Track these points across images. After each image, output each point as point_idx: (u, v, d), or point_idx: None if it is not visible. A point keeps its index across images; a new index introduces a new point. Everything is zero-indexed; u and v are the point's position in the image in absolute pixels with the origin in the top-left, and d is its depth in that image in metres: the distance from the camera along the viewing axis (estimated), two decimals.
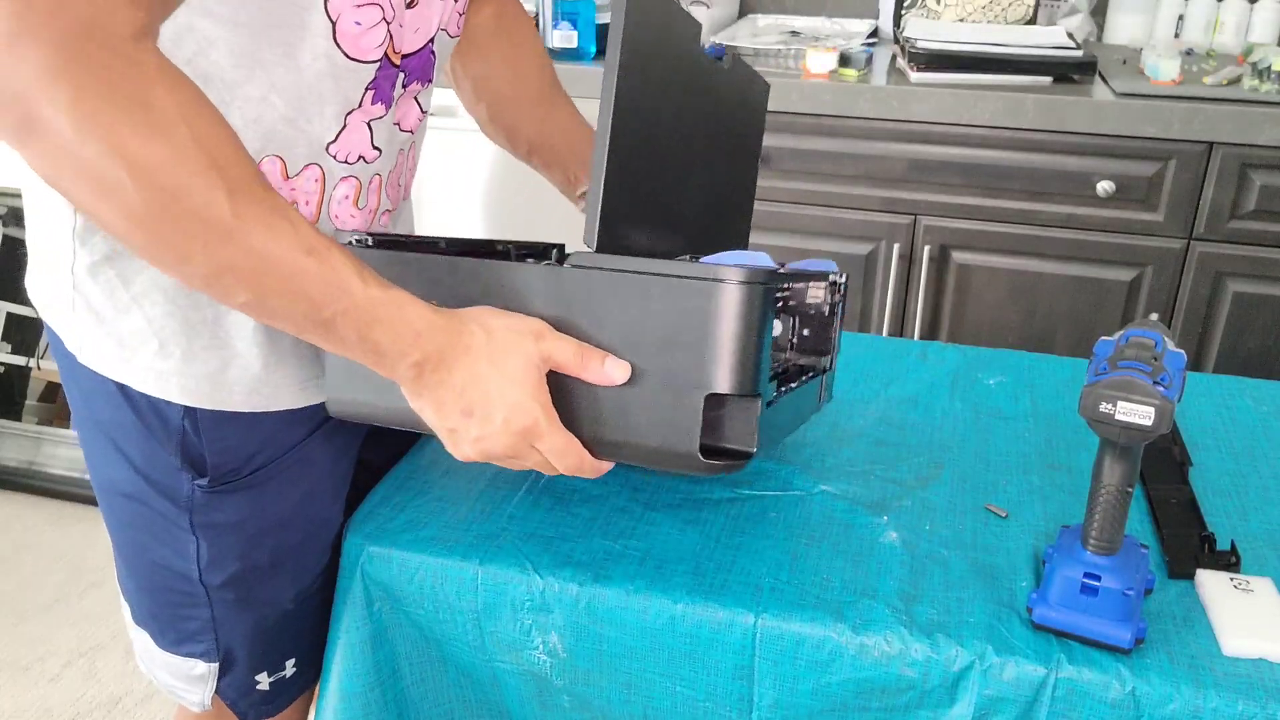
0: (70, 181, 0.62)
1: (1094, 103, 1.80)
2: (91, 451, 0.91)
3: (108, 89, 0.60)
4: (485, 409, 0.75)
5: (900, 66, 2.02)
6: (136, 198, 0.62)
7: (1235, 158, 1.78)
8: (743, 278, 0.69)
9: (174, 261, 0.67)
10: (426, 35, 0.87)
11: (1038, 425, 1.16)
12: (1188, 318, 1.91)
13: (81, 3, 0.59)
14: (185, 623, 0.95)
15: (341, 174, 0.85)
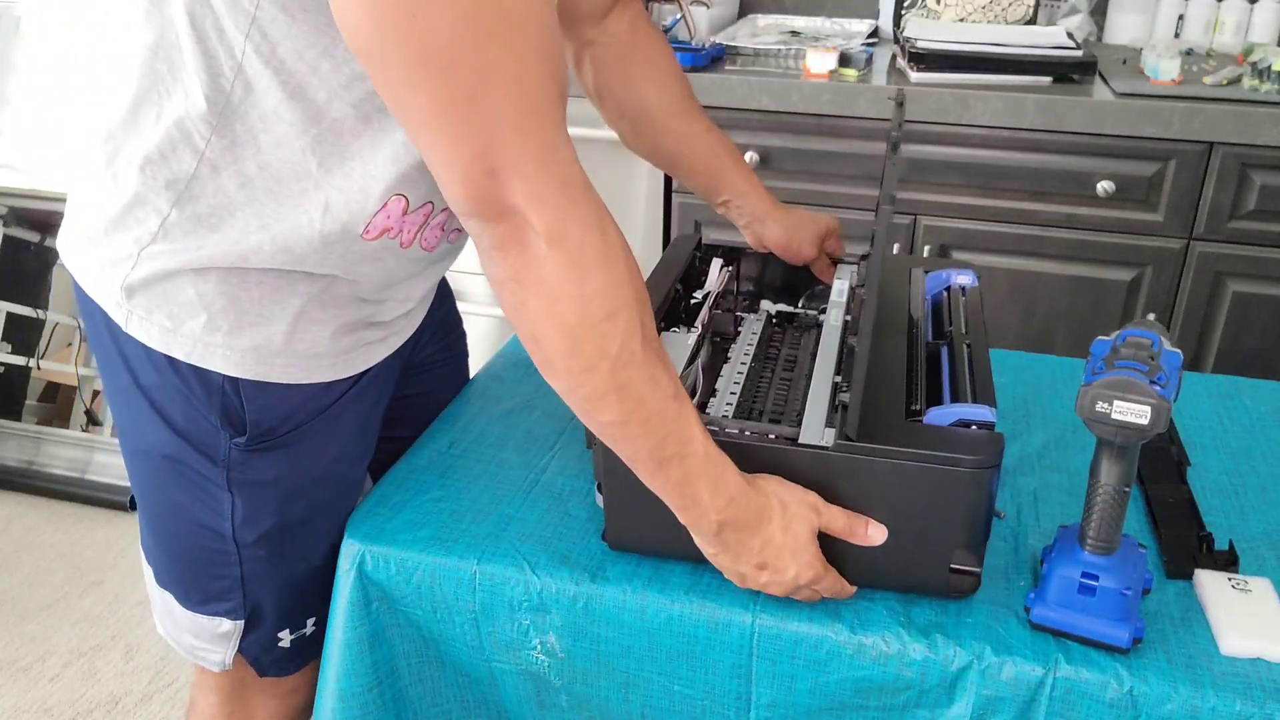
0: (527, 286, 0.73)
1: (1094, 103, 1.80)
2: (128, 416, 0.93)
3: (579, 221, 0.72)
4: (778, 566, 0.85)
5: (900, 66, 2.02)
6: (576, 311, 0.73)
7: (1235, 158, 1.78)
8: (978, 462, 0.84)
9: (577, 370, 0.76)
10: None
11: (1036, 425, 1.16)
12: (1187, 318, 1.91)
13: (565, 144, 0.71)
14: (213, 581, 0.97)
15: (443, 205, 0.87)
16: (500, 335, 2.23)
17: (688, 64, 1.94)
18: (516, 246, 0.72)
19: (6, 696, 1.84)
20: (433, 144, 0.70)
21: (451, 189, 0.71)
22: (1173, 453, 1.09)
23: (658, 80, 1.13)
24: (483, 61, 0.65)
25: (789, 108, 1.92)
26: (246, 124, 0.79)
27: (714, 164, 1.16)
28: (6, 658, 1.93)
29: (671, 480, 0.82)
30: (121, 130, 0.83)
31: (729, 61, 2.07)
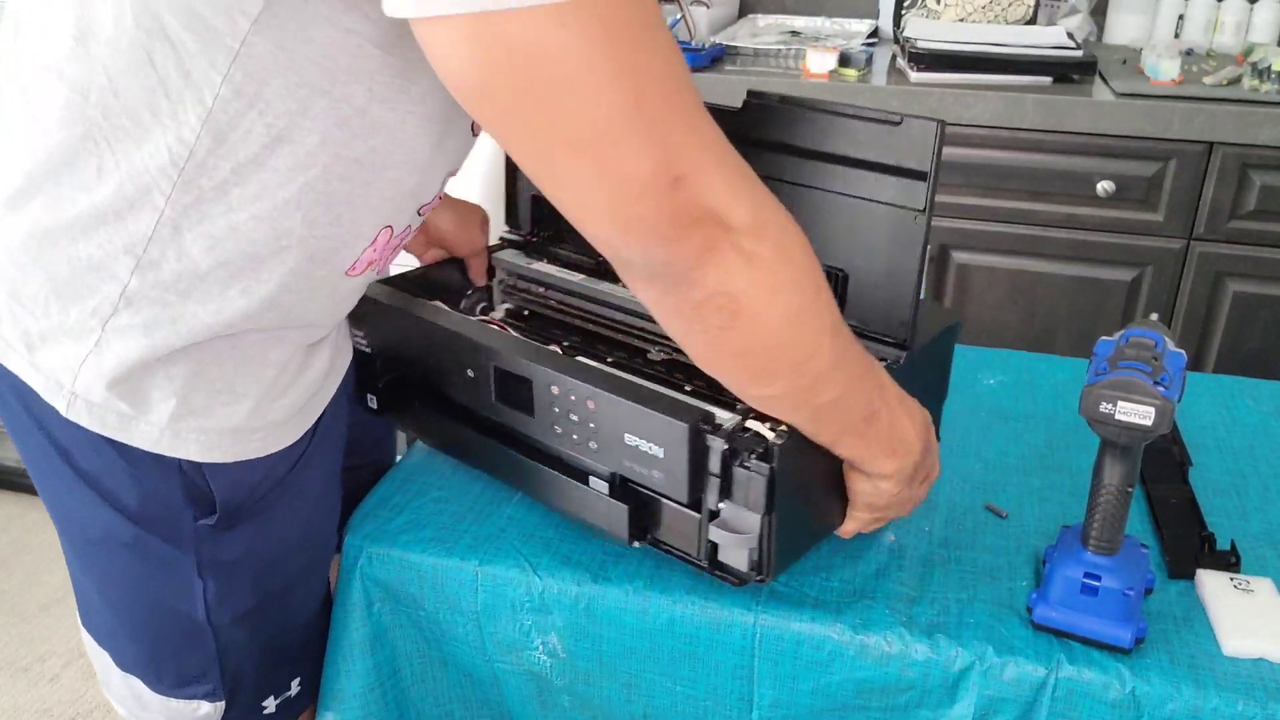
0: (740, 292, 0.67)
1: (1094, 103, 1.80)
2: (69, 504, 0.82)
3: (767, 205, 0.68)
4: (932, 469, 0.91)
5: (900, 66, 2.02)
6: (797, 295, 0.70)
7: (1235, 158, 1.78)
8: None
9: (802, 358, 0.73)
10: None
11: (1038, 425, 1.16)
12: (1188, 318, 1.91)
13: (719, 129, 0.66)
14: (187, 663, 0.88)
15: (417, 224, 0.84)
16: None
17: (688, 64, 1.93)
18: (717, 254, 0.65)
19: (6, 696, 1.84)
20: (595, 173, 0.60)
21: (627, 215, 0.61)
22: (1175, 453, 1.09)
23: None
24: (640, 62, 0.58)
25: None
26: (215, 178, 0.68)
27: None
28: (6, 658, 1.92)
29: (880, 431, 0.81)
30: (47, 183, 0.70)
31: (729, 61, 2.07)
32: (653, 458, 0.82)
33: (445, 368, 0.95)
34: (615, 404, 0.82)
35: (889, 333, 0.92)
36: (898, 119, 0.88)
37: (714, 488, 0.82)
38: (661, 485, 0.84)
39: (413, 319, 0.96)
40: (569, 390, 0.85)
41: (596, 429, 0.85)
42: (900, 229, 0.89)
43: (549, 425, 0.89)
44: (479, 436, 0.96)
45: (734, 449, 0.80)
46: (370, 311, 0.97)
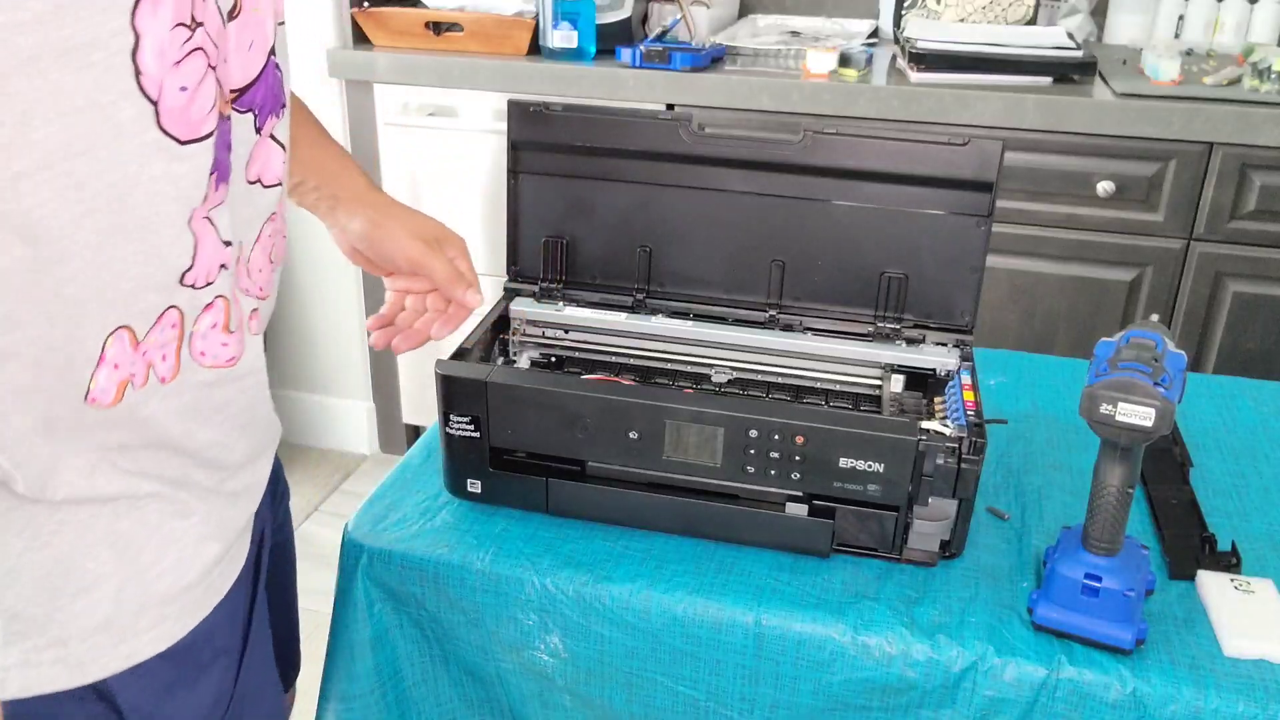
0: None
1: (1094, 103, 1.80)
2: None
3: None
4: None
5: (900, 67, 2.02)
6: None
7: (1235, 158, 1.78)
8: None
9: None
10: (264, 46, 0.66)
11: (1039, 426, 1.16)
12: (1188, 318, 1.91)
13: None
14: None
15: (205, 301, 0.64)
16: None
17: (689, 64, 1.94)
18: None
19: None
20: None
21: None
22: (1175, 453, 1.09)
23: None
24: None
25: (789, 108, 1.92)
26: None
27: (310, 153, 0.94)
28: None
29: None
30: None
31: (729, 62, 2.07)
32: (870, 474, 0.90)
33: (595, 437, 0.94)
34: (830, 434, 0.89)
35: (951, 323, 1.05)
36: (963, 140, 1.00)
37: (923, 486, 0.89)
38: (877, 496, 0.91)
39: (546, 394, 0.94)
40: (771, 431, 0.90)
41: (804, 460, 0.90)
42: (964, 235, 1.03)
43: (739, 468, 0.92)
44: (638, 496, 0.96)
45: (932, 449, 0.88)
46: (478, 394, 0.94)
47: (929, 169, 1.01)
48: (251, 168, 0.69)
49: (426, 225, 0.97)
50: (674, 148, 1.05)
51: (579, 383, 0.94)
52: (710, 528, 0.95)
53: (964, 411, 0.94)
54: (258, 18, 0.65)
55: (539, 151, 1.08)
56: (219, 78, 0.60)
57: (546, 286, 1.12)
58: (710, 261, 1.09)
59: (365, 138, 2.21)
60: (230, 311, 0.67)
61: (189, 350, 0.65)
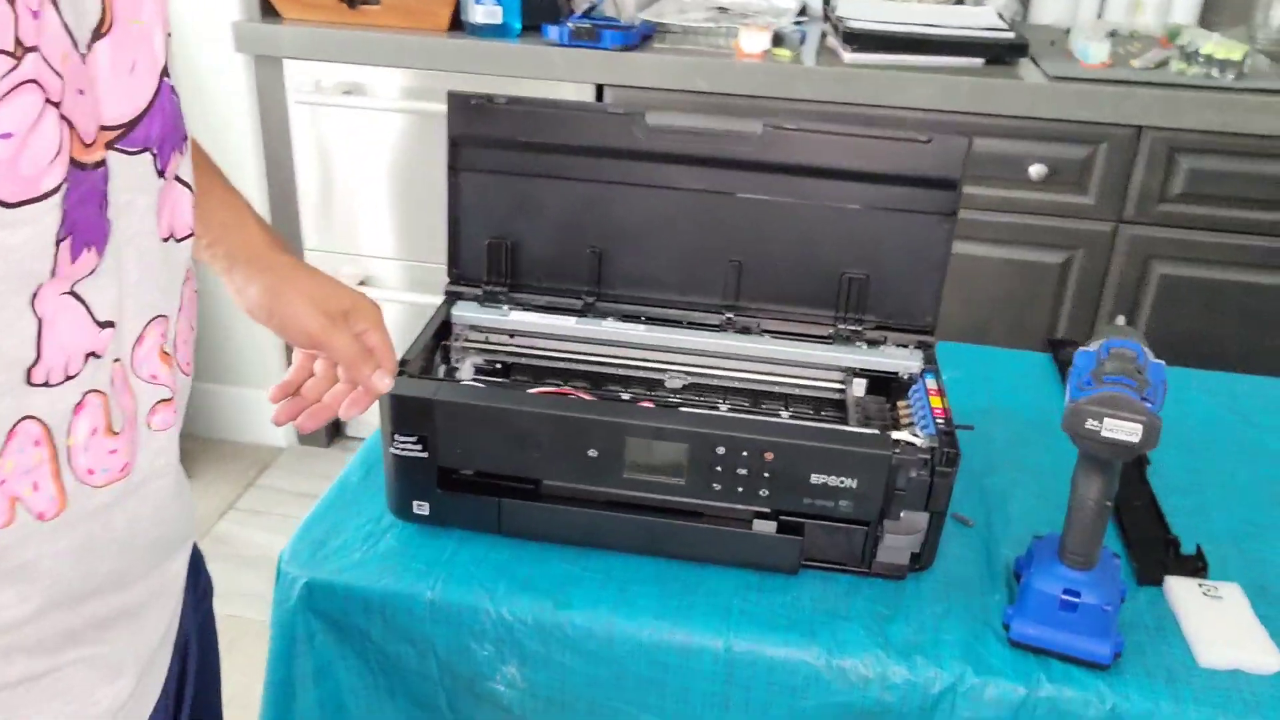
0: None
1: (1027, 85, 1.79)
2: None
3: None
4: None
5: (831, 45, 1.98)
6: None
7: (1164, 141, 1.79)
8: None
9: None
10: (153, 66, 0.55)
11: (996, 424, 1.14)
12: (1117, 300, 1.93)
13: None
14: None
15: (73, 400, 0.52)
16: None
17: (619, 43, 1.87)
18: None
19: None
20: None
21: None
22: None
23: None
24: None
25: (723, 89, 1.87)
26: None
27: (202, 203, 0.71)
28: None
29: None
30: None
31: (658, 39, 2.01)
32: (842, 490, 0.86)
33: (551, 455, 0.88)
34: (800, 450, 0.85)
35: (913, 324, 1.04)
36: (926, 138, 0.97)
37: (895, 500, 0.86)
38: (849, 512, 0.87)
39: (499, 411, 0.87)
40: (738, 447, 0.85)
41: (772, 476, 0.86)
42: (926, 233, 0.99)
43: (705, 485, 0.87)
44: (597, 514, 0.91)
45: (905, 462, 0.85)
46: (425, 412, 0.87)
47: (892, 166, 0.98)
48: (162, 220, 0.58)
49: (332, 294, 0.82)
50: (625, 143, 1.00)
51: (533, 399, 0.88)
52: (674, 546, 0.91)
53: (932, 419, 0.91)
54: (140, 31, 0.53)
55: (481, 147, 1.02)
56: (72, 119, 0.49)
57: (491, 290, 1.05)
58: (663, 262, 1.04)
59: (274, 117, 2.09)
60: (110, 409, 0.55)
61: (72, 471, 0.53)
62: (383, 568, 0.90)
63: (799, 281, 1.03)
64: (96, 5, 0.50)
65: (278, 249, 0.82)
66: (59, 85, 0.47)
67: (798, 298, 1.03)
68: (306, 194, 2.14)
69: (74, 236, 0.49)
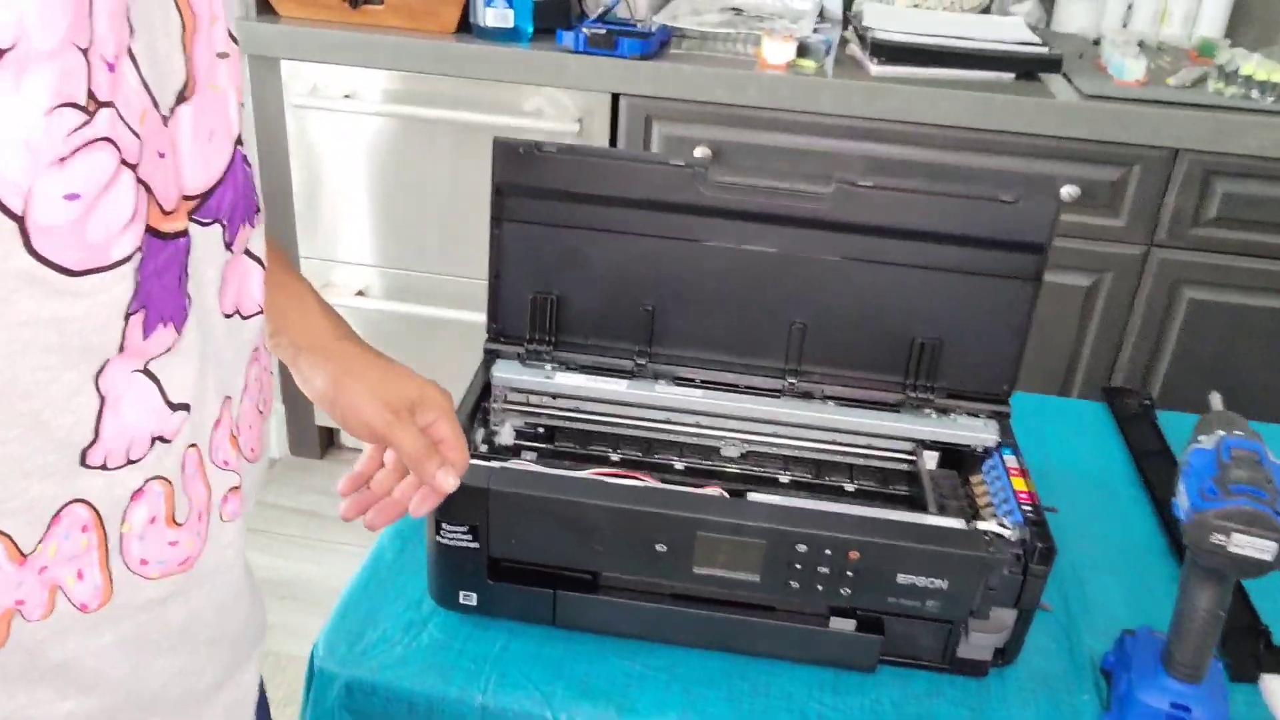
0: None
1: (1062, 104, 1.73)
2: None
3: None
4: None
5: (855, 55, 1.91)
6: None
7: (1200, 165, 1.74)
8: None
9: None
10: (228, 134, 0.52)
11: (1059, 487, 1.07)
12: (1144, 323, 1.88)
13: None
14: None
15: (132, 486, 0.48)
16: (408, 333, 2.07)
17: (637, 51, 1.79)
18: None
19: None
20: None
21: None
22: None
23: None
24: None
25: (745, 101, 1.79)
26: None
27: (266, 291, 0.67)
28: None
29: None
30: None
31: (675, 45, 1.93)
32: (931, 590, 0.80)
33: (615, 549, 0.81)
34: (887, 549, 0.79)
35: (987, 392, 0.96)
36: (1013, 198, 0.89)
37: (985, 598, 0.80)
38: (935, 611, 0.81)
39: (559, 503, 0.80)
40: (820, 545, 0.79)
41: (856, 575, 0.80)
42: (1007, 297, 0.93)
43: (782, 582, 0.80)
44: (661, 609, 0.84)
45: (998, 561, 0.79)
46: (477, 501, 0.80)
47: (972, 227, 0.91)
48: (226, 296, 0.54)
49: (397, 385, 0.77)
50: (685, 198, 0.92)
51: (595, 488, 0.81)
52: (743, 643, 0.85)
53: (1016, 503, 0.85)
54: (217, 97, 0.50)
55: (527, 197, 0.94)
56: (152, 179, 0.45)
57: (533, 348, 0.98)
58: (720, 322, 0.97)
59: (271, 121, 1.99)
60: (175, 497, 0.51)
61: (122, 559, 0.49)
62: (427, 665, 0.83)
63: (865, 345, 0.96)
64: (180, 67, 0.47)
65: (342, 337, 0.77)
66: (136, 146, 0.44)
67: (864, 362, 0.97)
68: (301, 202, 2.04)
69: (148, 310, 0.46)
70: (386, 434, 0.74)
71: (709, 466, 0.96)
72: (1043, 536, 0.80)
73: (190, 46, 0.47)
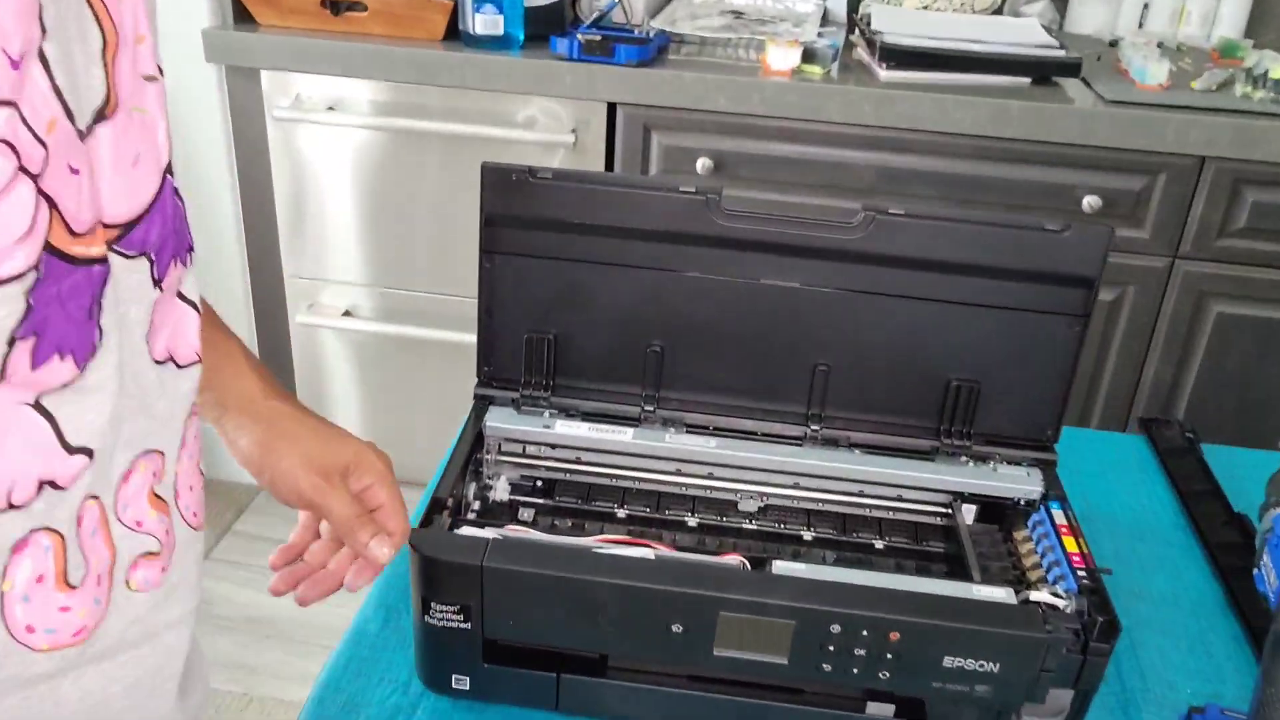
0: None
1: (1083, 111, 1.64)
2: None
3: None
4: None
5: (863, 59, 1.82)
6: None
7: (1229, 173, 1.66)
8: None
9: None
10: (157, 163, 0.48)
11: (1099, 532, 0.99)
12: (1168, 339, 1.79)
13: None
14: None
15: (12, 536, 0.42)
16: (394, 356, 1.98)
17: (634, 58, 1.70)
18: None
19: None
20: None
21: None
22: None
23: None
24: None
25: (748, 109, 1.71)
26: None
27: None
28: None
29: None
30: None
31: (673, 52, 1.84)
32: (980, 674, 0.70)
33: (625, 631, 0.72)
34: (933, 631, 0.70)
35: (1029, 437, 0.88)
36: (1059, 227, 0.81)
37: (1041, 681, 0.70)
38: (986, 695, 0.71)
39: (562, 582, 0.70)
40: (856, 627, 0.69)
41: (896, 658, 0.70)
42: (1051, 335, 0.85)
43: (813, 666, 0.71)
44: (677, 694, 0.75)
45: (1057, 641, 0.69)
46: (469, 579, 0.71)
47: (1015, 260, 0.82)
48: (157, 339, 0.49)
49: (331, 447, 0.70)
50: (696, 227, 0.83)
51: (603, 563, 0.72)
52: None
53: (1070, 567, 0.76)
54: (145, 122, 0.47)
55: (520, 228, 0.85)
56: (60, 195, 0.40)
57: (529, 394, 0.89)
58: (735, 364, 0.88)
59: (251, 135, 1.90)
60: (68, 554, 0.44)
61: (4, 624, 0.43)
62: None
63: (895, 388, 0.87)
64: (100, 83, 0.43)
65: (272, 395, 0.70)
66: (40, 155, 0.39)
67: (894, 407, 0.88)
68: (285, 218, 1.95)
69: (40, 337, 0.41)
70: (316, 500, 0.68)
71: (725, 524, 0.87)
72: (1103, 608, 0.72)
73: (112, 64, 0.43)
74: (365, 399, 2.08)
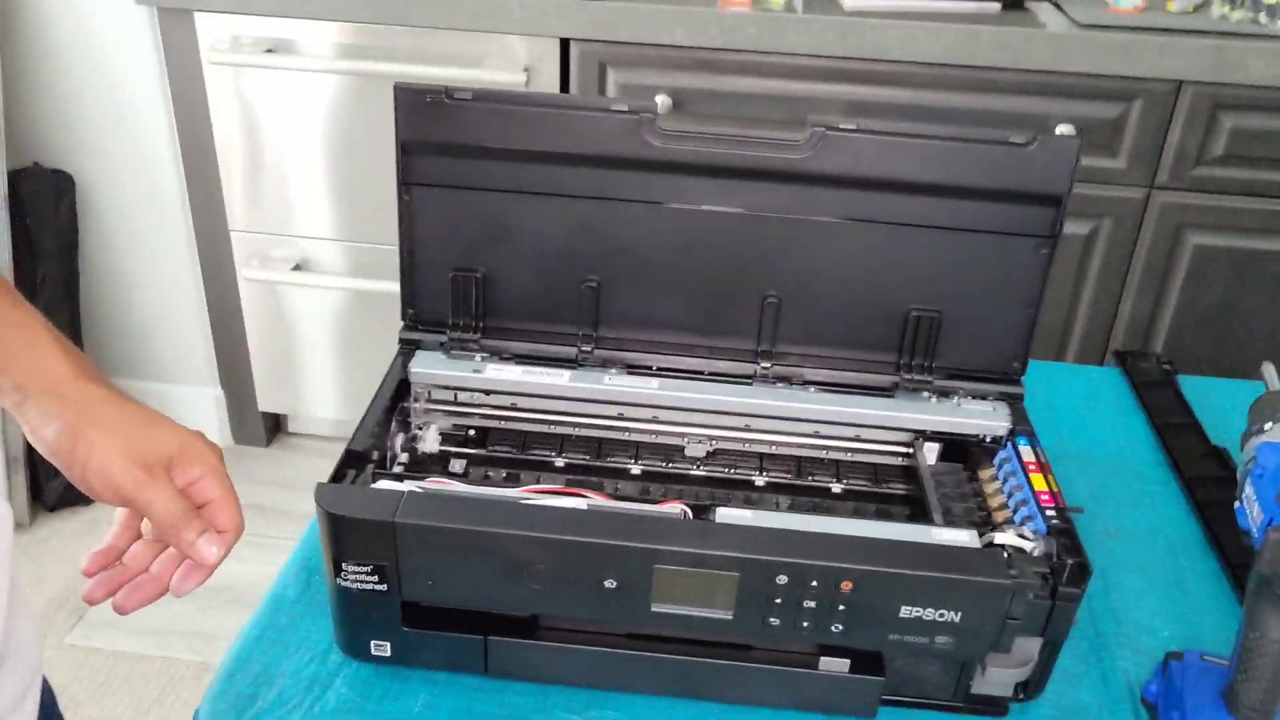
0: None
1: (1054, 36, 1.57)
2: None
3: None
4: None
5: None
6: None
7: (1207, 97, 1.59)
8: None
9: None
10: None
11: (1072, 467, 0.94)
12: (1145, 272, 1.74)
13: None
14: None
15: None
16: (353, 311, 1.91)
17: None
18: None
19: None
20: None
21: None
22: None
23: None
24: None
25: (707, 42, 1.63)
26: None
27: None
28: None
29: None
30: None
31: None
32: (940, 624, 0.65)
33: (556, 589, 0.66)
34: (887, 579, 0.64)
35: (994, 370, 0.82)
36: (1024, 140, 0.74)
37: (1007, 630, 0.65)
38: (948, 646, 0.66)
39: (484, 536, 0.64)
40: (805, 577, 0.63)
41: (849, 610, 0.65)
42: (1017, 259, 0.79)
43: (759, 620, 0.65)
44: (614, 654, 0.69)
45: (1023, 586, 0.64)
46: (381, 537, 0.65)
47: (976, 177, 0.76)
48: None
49: (152, 436, 0.63)
50: (631, 150, 0.77)
51: (526, 515, 0.66)
52: (714, 689, 0.70)
53: (1038, 506, 0.71)
54: None
55: (440, 155, 0.78)
56: None
57: (458, 336, 0.82)
58: (679, 299, 0.82)
59: (187, 81, 1.81)
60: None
61: None
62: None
63: (851, 320, 0.81)
64: None
65: (83, 376, 0.63)
66: None
67: (849, 340, 0.82)
68: (229, 170, 1.86)
69: None
70: (136, 495, 0.60)
71: (670, 470, 0.81)
72: (1073, 550, 0.66)
73: None
74: (322, 357, 2.01)
